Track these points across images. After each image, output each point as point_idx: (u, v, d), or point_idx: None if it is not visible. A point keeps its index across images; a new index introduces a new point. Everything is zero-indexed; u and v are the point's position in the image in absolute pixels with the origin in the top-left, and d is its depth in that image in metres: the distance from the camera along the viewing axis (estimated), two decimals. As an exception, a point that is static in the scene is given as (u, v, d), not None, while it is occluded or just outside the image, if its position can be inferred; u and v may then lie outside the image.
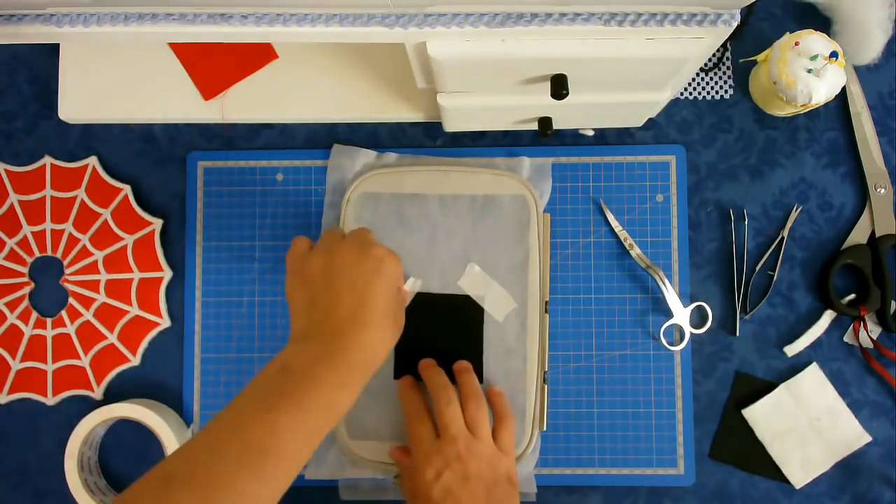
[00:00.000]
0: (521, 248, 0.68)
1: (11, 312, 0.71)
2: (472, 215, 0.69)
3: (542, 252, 0.69)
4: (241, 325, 0.70)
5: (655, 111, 0.66)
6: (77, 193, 0.71)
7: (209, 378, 0.70)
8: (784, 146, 0.71)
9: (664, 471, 0.68)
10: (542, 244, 0.68)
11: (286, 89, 0.71)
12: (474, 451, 0.60)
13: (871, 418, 0.69)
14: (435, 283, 0.68)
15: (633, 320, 0.69)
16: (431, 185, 0.69)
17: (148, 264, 0.70)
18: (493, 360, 0.67)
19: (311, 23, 0.49)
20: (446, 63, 0.51)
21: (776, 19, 0.72)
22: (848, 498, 0.68)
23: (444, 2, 0.47)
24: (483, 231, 0.68)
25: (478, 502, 0.58)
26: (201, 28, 0.49)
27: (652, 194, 0.70)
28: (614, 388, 0.69)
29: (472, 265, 0.68)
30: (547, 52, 0.50)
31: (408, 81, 0.62)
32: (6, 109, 0.73)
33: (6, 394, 0.70)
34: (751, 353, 0.70)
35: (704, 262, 0.70)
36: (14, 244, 0.71)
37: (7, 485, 0.69)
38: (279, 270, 0.70)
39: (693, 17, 0.48)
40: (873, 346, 0.69)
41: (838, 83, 0.64)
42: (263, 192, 0.71)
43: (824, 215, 0.70)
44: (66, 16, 0.50)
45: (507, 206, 0.68)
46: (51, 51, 0.73)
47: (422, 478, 0.59)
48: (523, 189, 0.68)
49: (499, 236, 0.68)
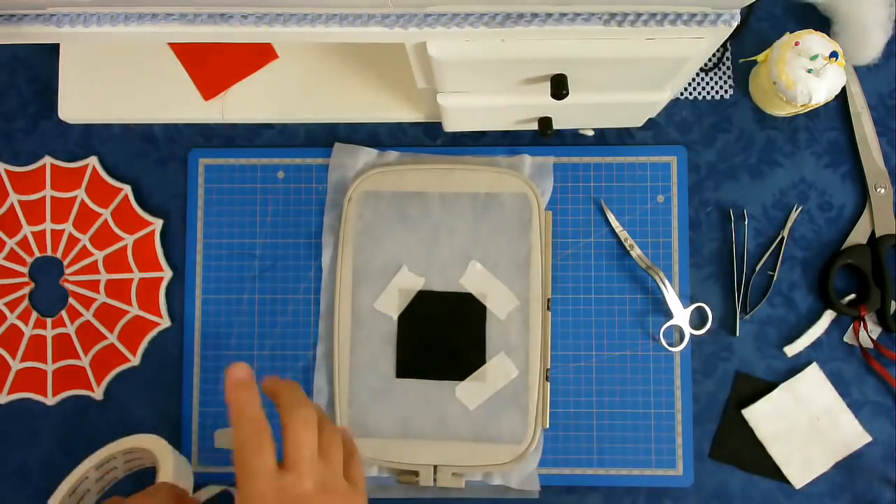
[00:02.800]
0: (523, 246, 0.68)
1: (11, 312, 0.71)
2: (474, 213, 0.69)
3: (544, 250, 0.69)
4: (241, 325, 0.70)
5: (655, 111, 0.66)
6: (77, 193, 0.71)
7: (209, 378, 0.70)
8: (784, 146, 0.71)
9: (664, 471, 0.68)
10: (543, 242, 0.68)
11: (286, 89, 0.71)
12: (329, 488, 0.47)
13: (871, 418, 0.69)
14: (437, 281, 0.68)
15: (633, 321, 0.69)
16: (433, 183, 0.69)
17: (148, 264, 0.70)
18: (496, 358, 0.67)
19: (311, 23, 0.49)
20: (446, 63, 0.51)
21: (776, 19, 0.72)
22: (848, 498, 0.68)
23: (444, 2, 0.47)
24: (485, 229, 0.68)
25: None
26: (201, 28, 0.49)
27: (652, 195, 0.70)
28: (614, 389, 0.69)
29: (474, 263, 0.68)
30: (547, 52, 0.50)
31: (408, 81, 0.62)
32: (6, 109, 0.73)
33: (6, 394, 0.70)
34: (751, 353, 0.70)
35: (704, 263, 0.70)
36: (14, 244, 0.71)
37: (7, 485, 0.69)
38: (279, 269, 0.70)
39: (693, 17, 0.48)
40: (873, 346, 0.69)
41: (838, 83, 0.64)
42: (264, 189, 0.71)
43: (824, 215, 0.70)
44: (66, 16, 0.50)
45: (508, 204, 0.69)
46: (51, 51, 0.73)
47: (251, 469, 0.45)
48: (525, 187, 0.68)
49: (501, 234, 0.68)
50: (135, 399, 0.71)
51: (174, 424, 0.70)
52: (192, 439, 0.69)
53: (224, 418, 0.69)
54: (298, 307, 0.70)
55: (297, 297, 0.70)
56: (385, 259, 0.68)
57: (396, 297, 0.68)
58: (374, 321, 0.68)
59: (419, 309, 0.68)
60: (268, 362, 0.70)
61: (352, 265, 0.68)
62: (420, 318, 0.68)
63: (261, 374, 0.69)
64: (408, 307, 0.68)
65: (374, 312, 0.68)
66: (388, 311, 0.68)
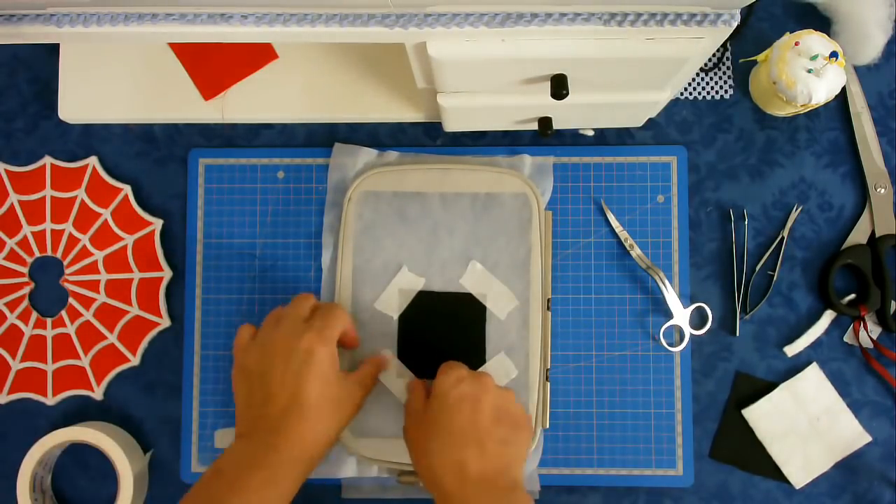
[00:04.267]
0: (522, 246, 0.68)
1: (11, 312, 0.71)
2: (474, 213, 0.69)
3: (544, 250, 0.69)
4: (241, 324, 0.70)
5: (655, 111, 0.66)
6: (77, 193, 0.71)
7: (209, 378, 0.70)
8: (784, 146, 0.71)
9: (664, 471, 0.68)
10: (543, 242, 0.68)
11: (286, 89, 0.71)
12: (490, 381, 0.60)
13: (871, 418, 0.69)
14: (437, 281, 0.68)
15: (633, 321, 0.69)
16: (433, 184, 0.69)
17: (148, 264, 0.70)
18: (495, 358, 0.67)
19: (311, 23, 0.49)
20: (446, 63, 0.51)
21: (776, 19, 0.72)
22: (848, 498, 0.68)
23: (444, 2, 0.47)
24: (485, 229, 0.68)
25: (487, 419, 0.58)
26: (201, 28, 0.49)
27: (653, 195, 0.70)
28: (614, 389, 0.69)
29: (474, 263, 0.68)
30: (547, 52, 0.50)
31: (408, 81, 0.62)
32: (6, 109, 0.73)
33: (6, 394, 0.70)
34: (751, 353, 0.70)
35: (704, 262, 0.70)
36: (14, 244, 0.71)
37: (7, 485, 0.69)
38: (279, 268, 0.70)
39: (693, 17, 0.48)
40: (873, 346, 0.69)
41: (838, 83, 0.64)
42: (264, 189, 0.71)
43: (824, 215, 0.70)
44: (66, 16, 0.50)
45: (508, 204, 0.69)
46: (51, 51, 0.73)
47: (440, 382, 0.59)
48: (525, 187, 0.68)
49: (500, 234, 0.68)
50: (135, 399, 0.71)
51: (174, 424, 0.70)
52: (192, 439, 0.69)
53: (224, 418, 0.69)
54: (298, 307, 0.70)
55: (297, 297, 0.70)
56: (385, 259, 0.68)
57: (396, 297, 0.68)
58: (375, 321, 0.68)
59: (419, 309, 0.68)
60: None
61: (352, 265, 0.68)
62: (420, 319, 0.68)
63: (261, 374, 0.69)
64: (408, 307, 0.68)
65: (375, 312, 0.68)
66: (389, 311, 0.68)
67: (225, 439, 0.69)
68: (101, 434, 0.67)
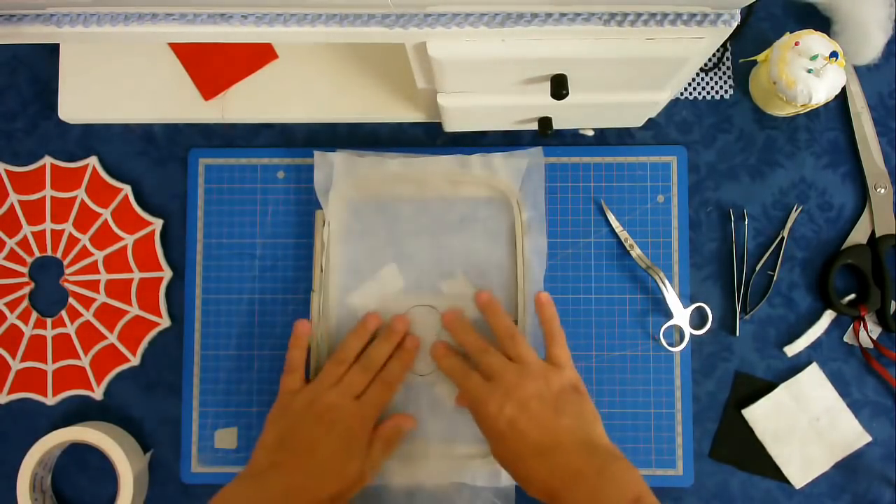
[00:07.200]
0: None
1: (11, 312, 0.71)
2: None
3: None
4: (241, 325, 0.70)
5: (655, 111, 0.66)
6: (77, 193, 0.71)
7: (209, 378, 0.70)
8: (784, 146, 0.71)
9: (664, 471, 0.68)
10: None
11: (286, 89, 0.71)
12: (524, 375, 0.61)
13: (871, 418, 0.69)
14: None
15: (633, 321, 0.69)
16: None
17: (148, 264, 0.70)
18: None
19: (311, 23, 0.49)
20: (446, 63, 0.51)
21: (776, 19, 0.72)
22: (848, 498, 0.68)
23: (444, 2, 0.47)
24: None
25: (544, 420, 0.58)
26: (201, 28, 0.49)
27: (652, 195, 0.70)
28: (614, 389, 0.69)
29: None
30: (547, 52, 0.50)
31: (408, 81, 0.62)
32: (6, 109, 0.73)
33: (6, 394, 0.70)
34: (751, 353, 0.70)
35: (704, 263, 0.70)
36: (14, 244, 0.71)
37: (7, 485, 0.69)
38: (279, 269, 0.70)
39: (693, 17, 0.48)
40: (873, 346, 0.69)
41: (838, 83, 0.64)
42: (264, 189, 0.71)
43: (824, 215, 0.70)
44: (66, 16, 0.50)
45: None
46: (51, 51, 0.73)
47: (486, 416, 0.60)
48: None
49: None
50: (135, 399, 0.71)
51: (174, 424, 0.70)
52: (192, 439, 0.69)
53: (224, 418, 0.69)
54: (298, 307, 0.70)
55: (297, 297, 0.70)
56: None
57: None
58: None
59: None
60: (268, 362, 0.70)
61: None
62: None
63: (260, 373, 0.70)
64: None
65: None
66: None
67: (225, 439, 0.69)
68: (101, 434, 0.67)
